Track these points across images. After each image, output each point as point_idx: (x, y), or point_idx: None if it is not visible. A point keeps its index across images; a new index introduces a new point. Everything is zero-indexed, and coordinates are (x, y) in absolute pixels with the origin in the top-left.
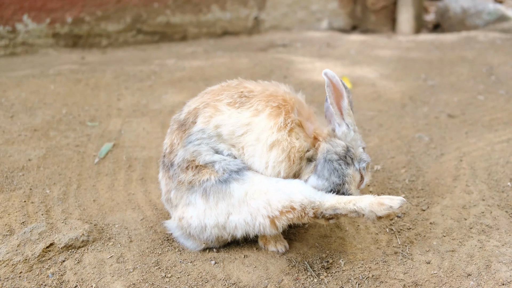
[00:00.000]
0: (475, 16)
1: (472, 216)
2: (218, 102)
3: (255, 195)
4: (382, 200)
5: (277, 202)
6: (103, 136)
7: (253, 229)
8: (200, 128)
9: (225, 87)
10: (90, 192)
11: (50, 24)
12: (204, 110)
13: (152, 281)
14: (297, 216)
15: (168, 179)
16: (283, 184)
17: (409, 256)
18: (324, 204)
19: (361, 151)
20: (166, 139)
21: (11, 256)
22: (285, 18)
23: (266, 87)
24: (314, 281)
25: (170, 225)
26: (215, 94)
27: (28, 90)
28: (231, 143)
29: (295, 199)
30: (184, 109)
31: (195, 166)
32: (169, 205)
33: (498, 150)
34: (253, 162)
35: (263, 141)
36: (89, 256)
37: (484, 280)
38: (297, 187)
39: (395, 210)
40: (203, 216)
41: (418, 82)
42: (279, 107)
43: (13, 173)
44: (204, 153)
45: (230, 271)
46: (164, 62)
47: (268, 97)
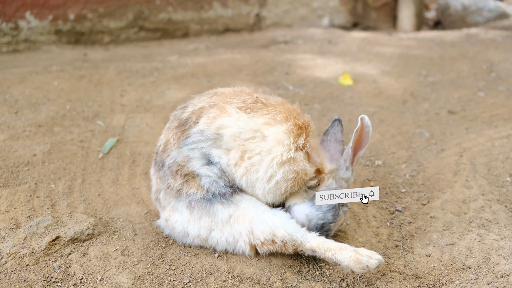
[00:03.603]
0: (476, 13)
1: (472, 210)
2: (228, 104)
3: (239, 219)
4: (360, 257)
5: (260, 233)
6: (107, 131)
7: (233, 250)
8: (200, 128)
9: (238, 92)
10: (95, 187)
11: (52, 21)
12: (210, 110)
13: (157, 273)
14: (277, 249)
15: (158, 179)
16: (269, 215)
17: (410, 250)
18: (305, 245)
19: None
20: (162, 135)
21: (17, 249)
22: (286, 15)
23: (283, 101)
24: (316, 274)
25: (161, 224)
26: (226, 96)
27: (31, 86)
28: (229, 146)
29: (277, 234)
30: (188, 108)
31: (183, 174)
32: (158, 204)
33: (498, 146)
34: (254, 171)
35: (277, 155)
36: (94, 249)
37: (484, 273)
38: (282, 222)
39: (371, 270)
40: (187, 224)
41: (419, 78)
42: (301, 128)
43: (18, 168)
44: (194, 160)
45: (233, 263)
46: (166, 58)
47: (290, 112)
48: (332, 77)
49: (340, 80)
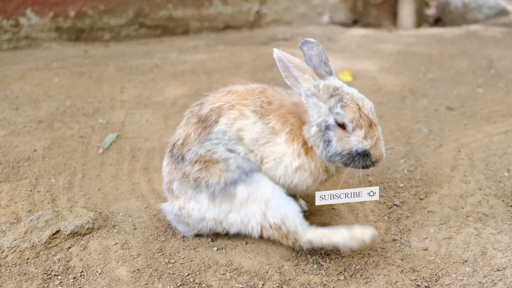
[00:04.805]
0: (476, 10)
1: (469, 205)
2: (244, 106)
3: (256, 200)
4: (354, 234)
5: (271, 217)
6: (106, 127)
7: (245, 230)
8: (222, 129)
9: (249, 91)
10: (95, 182)
11: (53, 18)
12: (229, 111)
13: (156, 267)
14: (279, 236)
15: (172, 170)
16: (283, 202)
17: (407, 243)
18: (303, 238)
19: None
20: (181, 129)
21: (18, 243)
22: (286, 12)
23: (282, 101)
24: (314, 267)
25: (166, 208)
26: (239, 96)
27: (32, 83)
28: (250, 148)
29: (286, 223)
30: (205, 105)
31: (204, 161)
32: (170, 194)
33: (496, 142)
34: (273, 175)
35: (288, 164)
36: (94, 243)
37: (480, 266)
38: (293, 212)
39: (367, 243)
40: (205, 211)
41: (418, 75)
42: (291, 133)
43: (19, 163)
44: (219, 152)
45: (232, 257)
46: (166, 55)
47: (283, 118)
48: None
49: (340, 76)
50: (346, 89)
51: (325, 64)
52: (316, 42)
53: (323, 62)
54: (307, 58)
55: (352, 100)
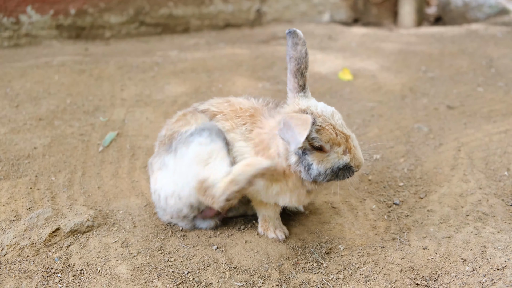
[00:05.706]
0: (476, 9)
1: (469, 204)
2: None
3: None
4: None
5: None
6: (107, 125)
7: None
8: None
9: (242, 111)
10: (95, 179)
11: (53, 15)
12: (223, 123)
13: (156, 265)
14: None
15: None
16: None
17: (407, 242)
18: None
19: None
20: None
21: (18, 240)
22: (287, 11)
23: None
24: (314, 266)
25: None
26: (233, 110)
27: (32, 80)
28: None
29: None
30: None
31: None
32: (150, 171)
33: (496, 141)
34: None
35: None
36: (94, 241)
37: (480, 265)
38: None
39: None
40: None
41: (418, 74)
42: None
43: (19, 161)
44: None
45: (232, 255)
46: (166, 53)
47: (256, 147)
48: (332, 72)
49: (340, 75)
50: (315, 109)
51: (301, 75)
52: (303, 40)
53: (299, 72)
54: (288, 56)
55: (325, 121)
